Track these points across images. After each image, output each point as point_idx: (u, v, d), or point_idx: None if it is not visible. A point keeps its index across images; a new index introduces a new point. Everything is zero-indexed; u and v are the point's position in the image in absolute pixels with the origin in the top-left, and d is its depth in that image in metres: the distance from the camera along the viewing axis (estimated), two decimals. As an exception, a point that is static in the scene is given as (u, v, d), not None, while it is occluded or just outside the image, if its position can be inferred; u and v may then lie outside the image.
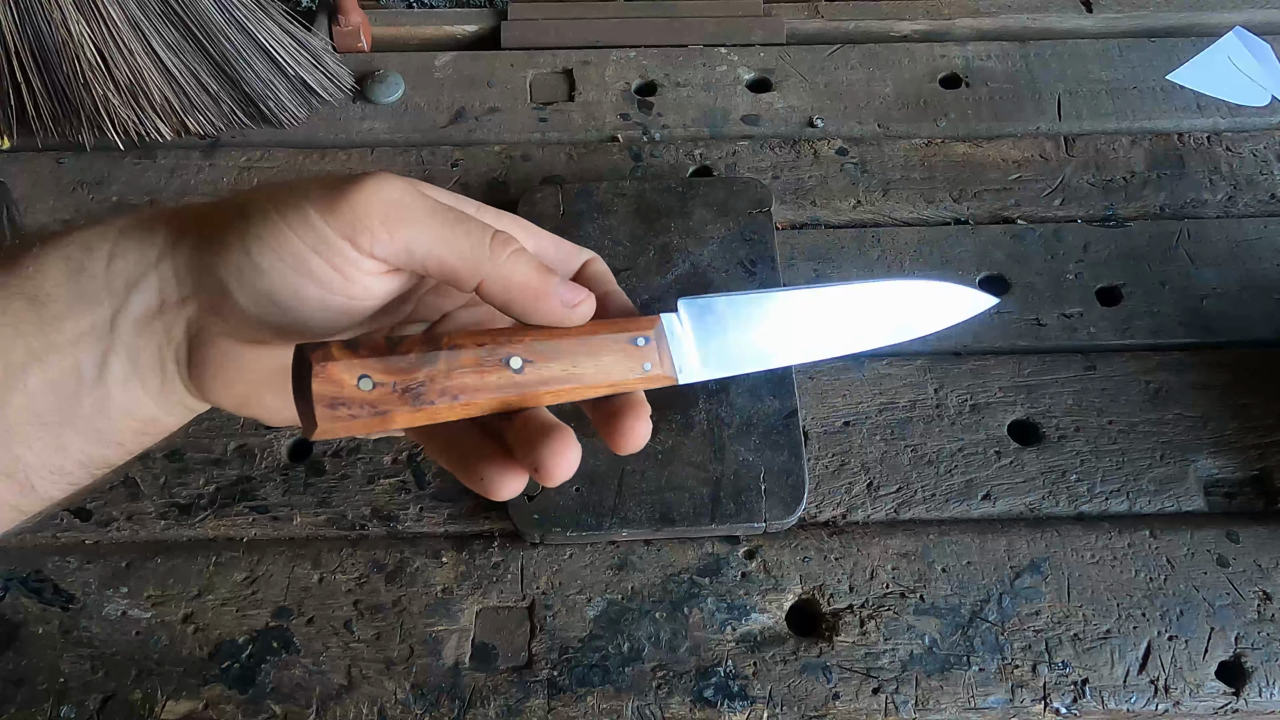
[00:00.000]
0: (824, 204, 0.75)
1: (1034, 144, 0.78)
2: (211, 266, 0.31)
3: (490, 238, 0.32)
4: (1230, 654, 0.55)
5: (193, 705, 0.54)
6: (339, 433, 0.30)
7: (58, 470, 0.32)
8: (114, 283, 0.31)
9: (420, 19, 0.90)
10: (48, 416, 0.31)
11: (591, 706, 0.54)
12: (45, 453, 0.31)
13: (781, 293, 0.37)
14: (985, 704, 0.54)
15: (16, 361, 0.30)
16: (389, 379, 0.30)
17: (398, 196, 0.31)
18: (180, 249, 0.32)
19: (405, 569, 0.58)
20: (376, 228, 0.30)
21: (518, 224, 0.36)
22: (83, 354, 0.31)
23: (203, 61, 0.76)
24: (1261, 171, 0.76)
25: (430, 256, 0.31)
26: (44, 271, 0.31)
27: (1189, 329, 0.68)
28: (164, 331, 0.32)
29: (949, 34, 0.89)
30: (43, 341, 0.30)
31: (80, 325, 0.31)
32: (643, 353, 0.34)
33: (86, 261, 0.31)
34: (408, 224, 0.31)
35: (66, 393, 0.31)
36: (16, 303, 0.31)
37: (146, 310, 0.31)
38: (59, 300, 0.31)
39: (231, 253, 0.30)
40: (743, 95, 0.82)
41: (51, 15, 0.71)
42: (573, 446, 0.32)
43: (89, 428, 0.32)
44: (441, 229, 0.31)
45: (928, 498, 0.61)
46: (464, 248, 0.31)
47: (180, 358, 0.32)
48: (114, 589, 0.58)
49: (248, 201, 0.31)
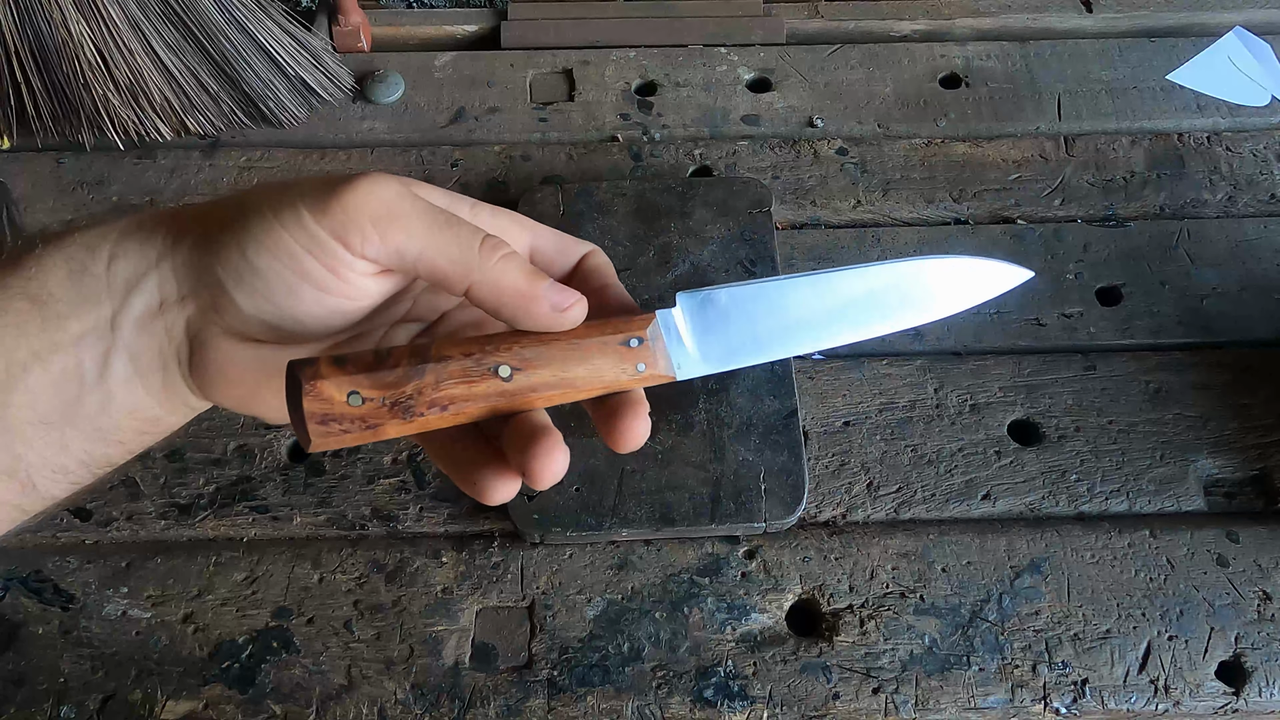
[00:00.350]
0: (824, 204, 0.75)
1: (1034, 144, 0.78)
2: (209, 266, 0.31)
3: (480, 242, 0.32)
4: (1230, 654, 0.55)
5: (193, 705, 0.54)
6: (333, 445, 0.30)
7: (60, 469, 0.32)
8: (115, 283, 0.31)
9: (420, 19, 0.90)
10: (50, 416, 0.31)
11: (591, 706, 0.54)
12: (47, 452, 0.32)
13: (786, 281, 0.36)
14: (985, 704, 0.54)
15: (19, 361, 0.30)
16: (378, 394, 0.30)
17: (390, 197, 0.31)
18: (179, 249, 0.32)
19: (405, 569, 0.58)
20: (367, 229, 0.30)
21: (514, 219, 0.36)
22: (85, 354, 0.31)
23: (203, 61, 0.76)
24: (1261, 171, 0.76)
25: (420, 259, 0.31)
26: (46, 272, 0.31)
27: (1189, 329, 0.68)
28: (165, 331, 0.32)
29: (949, 34, 0.89)
30: (45, 341, 0.31)
31: (82, 325, 0.31)
32: (636, 354, 0.33)
33: (88, 262, 0.31)
34: (398, 226, 0.31)
35: (69, 392, 0.31)
36: (19, 303, 0.31)
37: (147, 310, 0.32)
38: (61, 300, 0.31)
39: (228, 252, 0.31)
40: (743, 95, 0.82)
41: (51, 15, 0.71)
42: (559, 450, 0.32)
43: (91, 427, 0.32)
44: (431, 232, 0.31)
45: (928, 498, 0.61)
46: (453, 251, 0.31)
47: (181, 357, 0.32)
48: (114, 589, 0.58)
49: (245, 201, 0.31)
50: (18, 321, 0.30)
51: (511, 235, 0.36)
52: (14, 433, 0.31)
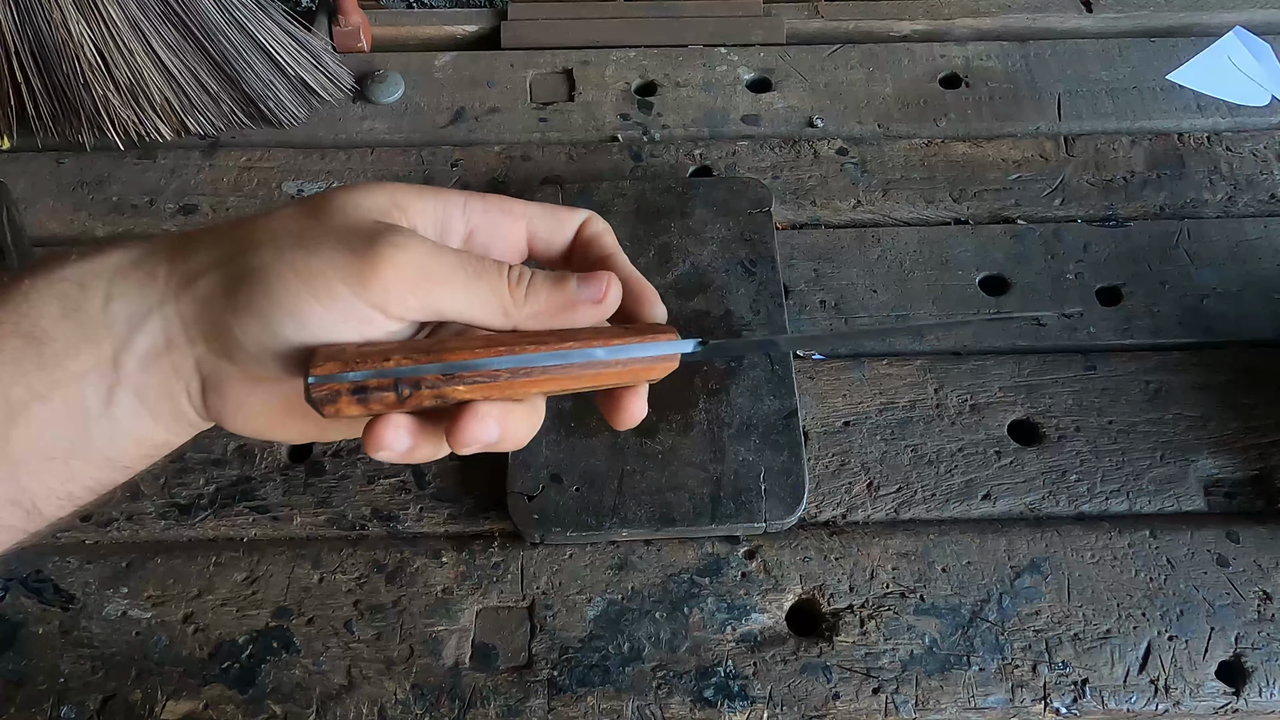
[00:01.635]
0: (824, 204, 0.75)
1: (1034, 144, 0.78)
2: (225, 326, 0.30)
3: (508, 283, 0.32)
4: (1230, 654, 0.55)
5: (193, 705, 0.54)
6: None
7: (66, 496, 0.32)
8: (114, 323, 0.31)
9: (420, 19, 0.90)
10: (54, 451, 0.31)
11: (591, 706, 0.54)
12: (53, 482, 0.31)
13: None
14: (985, 704, 0.54)
15: (18, 399, 0.30)
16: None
17: (422, 260, 0.31)
18: (184, 298, 0.31)
19: (405, 569, 0.58)
20: (407, 297, 0.30)
21: (505, 210, 0.36)
22: (88, 390, 0.30)
23: (203, 61, 0.76)
24: (1261, 171, 0.76)
25: (460, 314, 0.32)
26: (37, 309, 0.30)
27: (1189, 329, 0.68)
28: (172, 368, 0.31)
29: (949, 34, 0.89)
30: (44, 379, 0.30)
31: (82, 364, 0.30)
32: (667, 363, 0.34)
33: (81, 301, 0.31)
34: (438, 288, 0.31)
35: (73, 427, 0.31)
36: (14, 340, 0.30)
37: (152, 348, 0.31)
38: (57, 339, 0.30)
39: (249, 318, 0.30)
40: (743, 95, 0.82)
41: (51, 15, 0.71)
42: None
43: (99, 457, 0.32)
44: (468, 287, 0.31)
45: (928, 498, 0.61)
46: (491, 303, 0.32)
47: (191, 391, 0.32)
48: (114, 589, 0.58)
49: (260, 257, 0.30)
50: (14, 359, 0.30)
51: (505, 230, 0.35)
52: (18, 465, 0.30)
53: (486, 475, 0.61)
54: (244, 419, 0.32)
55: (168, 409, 0.32)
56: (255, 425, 0.33)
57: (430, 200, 0.34)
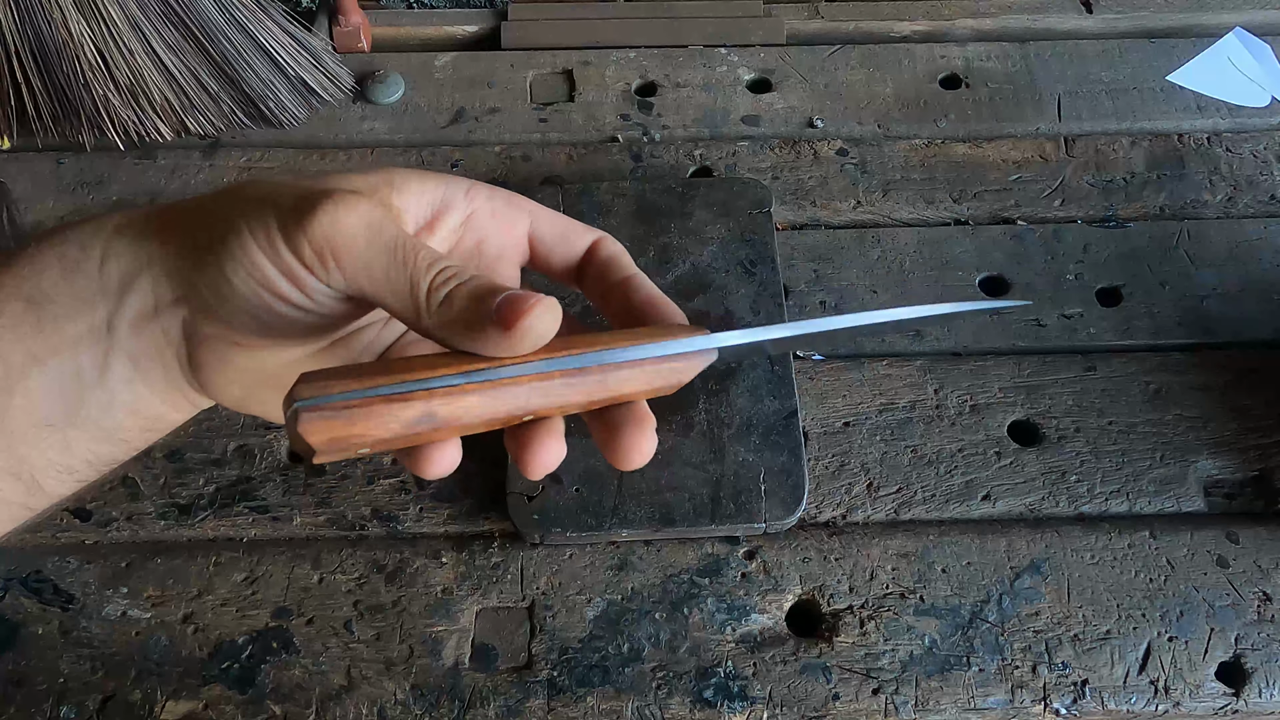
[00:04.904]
0: (824, 204, 0.75)
1: (1034, 144, 0.78)
2: (193, 279, 0.30)
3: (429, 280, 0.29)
4: (1230, 655, 0.55)
5: (192, 705, 0.54)
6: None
7: (65, 469, 0.32)
8: (108, 283, 0.31)
9: (420, 19, 0.90)
10: (52, 418, 0.31)
11: (591, 707, 0.54)
12: (51, 453, 0.31)
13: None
14: (985, 704, 0.54)
15: (16, 364, 0.30)
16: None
17: (352, 228, 0.29)
18: (167, 253, 0.31)
19: (405, 569, 0.58)
20: (328, 261, 0.29)
21: (510, 201, 0.35)
22: (83, 356, 0.31)
23: (203, 61, 0.76)
24: (1261, 172, 0.76)
25: (377, 295, 0.30)
26: (40, 272, 0.31)
27: (1189, 329, 0.68)
28: (162, 333, 0.31)
29: (949, 34, 0.89)
30: (42, 344, 0.30)
31: (78, 328, 0.31)
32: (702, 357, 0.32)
33: (81, 260, 0.31)
34: (357, 261, 0.29)
35: (69, 394, 0.31)
36: (14, 304, 0.30)
37: (142, 311, 0.31)
38: (56, 302, 0.30)
39: (207, 266, 0.30)
40: (743, 95, 0.82)
41: (51, 15, 0.71)
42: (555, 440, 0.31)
43: (95, 427, 0.32)
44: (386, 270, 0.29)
45: (928, 498, 0.61)
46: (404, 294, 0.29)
47: (181, 357, 0.32)
48: (114, 589, 0.58)
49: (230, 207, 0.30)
50: (14, 324, 0.30)
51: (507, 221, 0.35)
52: (16, 434, 0.30)
53: (486, 475, 0.61)
54: (223, 384, 0.32)
55: (160, 375, 0.32)
56: (233, 393, 0.33)
57: (431, 182, 0.33)
